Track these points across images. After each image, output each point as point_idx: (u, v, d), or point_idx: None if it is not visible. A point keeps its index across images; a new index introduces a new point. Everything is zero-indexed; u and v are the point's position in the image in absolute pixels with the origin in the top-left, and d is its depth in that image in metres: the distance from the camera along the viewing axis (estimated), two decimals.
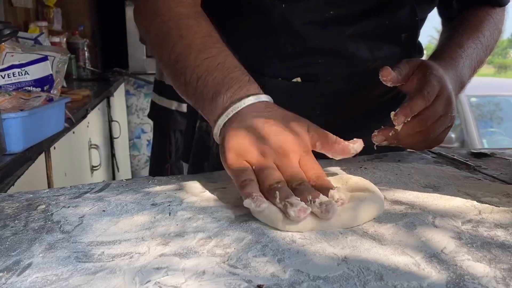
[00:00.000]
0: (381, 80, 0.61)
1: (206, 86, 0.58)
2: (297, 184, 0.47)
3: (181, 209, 0.49)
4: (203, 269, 0.36)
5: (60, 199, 0.54)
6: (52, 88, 1.21)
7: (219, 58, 0.59)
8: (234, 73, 0.57)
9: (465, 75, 0.71)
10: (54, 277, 0.36)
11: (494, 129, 4.31)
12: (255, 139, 0.51)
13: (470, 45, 0.73)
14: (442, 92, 0.61)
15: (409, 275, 0.34)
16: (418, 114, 0.59)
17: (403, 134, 0.60)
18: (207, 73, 0.58)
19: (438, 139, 0.63)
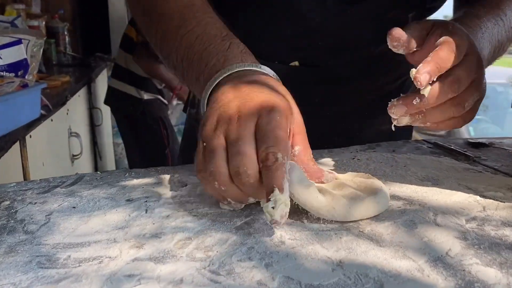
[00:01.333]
0: (391, 47, 0.50)
1: (189, 67, 0.52)
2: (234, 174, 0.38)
3: (158, 206, 0.44)
4: (181, 277, 0.32)
5: (27, 194, 0.50)
6: (26, 73, 1.15)
7: (198, 30, 0.52)
8: (213, 45, 0.50)
9: (485, 48, 0.57)
10: (11, 286, 0.32)
11: (480, 116, 4.33)
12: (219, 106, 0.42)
13: (490, 19, 0.61)
14: (472, 49, 0.49)
15: (413, 283, 0.30)
16: (448, 75, 0.46)
17: (431, 103, 0.47)
18: (187, 52, 0.52)
19: (471, 113, 0.50)
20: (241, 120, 0.40)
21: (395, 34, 0.49)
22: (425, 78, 0.44)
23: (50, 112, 1.30)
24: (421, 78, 0.44)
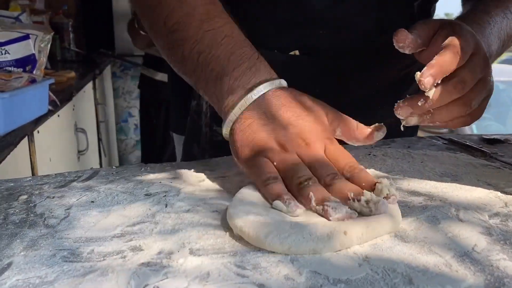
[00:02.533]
0: (397, 47, 0.50)
1: (210, 63, 0.50)
2: (330, 179, 0.40)
3: (178, 200, 0.44)
4: (207, 271, 0.32)
5: (44, 188, 0.50)
6: (34, 69, 1.15)
7: (225, 30, 0.51)
8: (242, 50, 0.50)
9: (493, 44, 0.58)
10: (37, 279, 0.32)
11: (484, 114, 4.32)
12: (271, 129, 0.45)
13: (499, 13, 0.61)
14: (478, 49, 0.49)
15: (442, 277, 0.30)
16: (453, 76, 0.47)
17: (436, 104, 0.47)
18: (211, 48, 0.50)
19: (479, 111, 0.51)
20: (311, 146, 0.44)
21: (401, 35, 0.50)
22: (429, 81, 0.45)
23: (57, 107, 1.30)
24: (425, 81, 0.45)
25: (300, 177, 0.40)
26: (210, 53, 0.50)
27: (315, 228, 0.35)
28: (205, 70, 0.50)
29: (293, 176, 0.41)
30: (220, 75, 0.49)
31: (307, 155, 0.43)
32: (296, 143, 0.44)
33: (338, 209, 0.36)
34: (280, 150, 0.44)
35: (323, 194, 0.38)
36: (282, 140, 0.44)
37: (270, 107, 0.46)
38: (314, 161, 0.42)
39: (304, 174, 0.40)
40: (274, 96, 0.47)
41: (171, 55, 0.55)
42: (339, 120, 0.47)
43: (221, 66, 0.49)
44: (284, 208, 0.38)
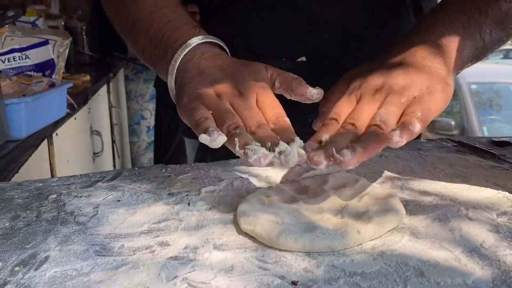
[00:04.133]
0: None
1: (157, 45, 0.54)
2: (255, 128, 0.43)
3: (200, 199, 0.47)
4: (231, 264, 0.34)
5: (71, 188, 0.52)
6: (53, 73, 1.18)
7: (170, 15, 0.55)
8: (184, 27, 0.53)
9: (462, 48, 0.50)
10: (74, 272, 0.34)
11: (494, 116, 4.30)
12: (208, 81, 0.47)
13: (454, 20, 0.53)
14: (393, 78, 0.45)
15: (452, 271, 0.32)
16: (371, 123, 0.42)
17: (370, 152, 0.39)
18: (157, 33, 0.54)
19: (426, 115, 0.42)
20: (243, 96, 0.46)
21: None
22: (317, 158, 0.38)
23: (74, 110, 1.34)
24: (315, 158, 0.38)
25: (229, 125, 0.43)
26: (158, 37, 0.54)
27: (327, 227, 0.37)
28: (156, 53, 0.55)
29: (224, 123, 0.43)
30: (165, 51, 0.53)
31: (239, 104, 0.45)
32: (230, 92, 0.46)
33: (256, 151, 0.38)
34: (214, 97, 0.46)
35: (246, 140, 0.40)
36: (217, 89, 0.47)
37: (207, 61, 0.50)
38: (244, 110, 0.45)
39: (233, 122, 0.43)
40: (215, 56, 0.51)
41: (136, 49, 0.60)
42: (278, 72, 0.49)
43: (165, 44, 0.53)
44: (208, 139, 0.40)
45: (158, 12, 0.56)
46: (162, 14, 0.56)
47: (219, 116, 0.44)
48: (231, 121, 0.43)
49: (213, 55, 0.51)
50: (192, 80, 0.48)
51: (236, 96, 0.46)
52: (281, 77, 0.49)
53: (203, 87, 0.47)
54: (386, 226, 0.38)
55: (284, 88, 0.49)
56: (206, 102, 0.46)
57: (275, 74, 0.49)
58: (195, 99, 0.46)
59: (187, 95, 0.47)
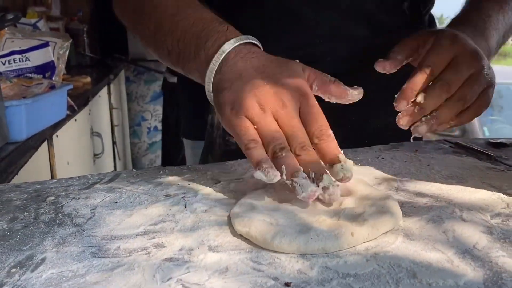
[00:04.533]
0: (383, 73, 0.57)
1: (186, 46, 0.54)
2: (299, 150, 0.44)
3: (196, 201, 0.47)
4: (225, 265, 0.34)
5: (69, 190, 0.53)
6: (54, 75, 1.19)
7: (195, 15, 0.55)
8: (211, 26, 0.53)
9: (491, 38, 0.63)
10: (70, 273, 0.35)
11: (495, 117, 4.30)
12: (249, 89, 0.47)
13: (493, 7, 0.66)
14: (463, 48, 0.54)
15: (444, 272, 0.32)
16: (437, 80, 0.53)
17: (430, 108, 0.52)
18: (185, 33, 0.54)
19: (482, 102, 0.54)
20: (287, 108, 0.46)
21: (379, 66, 0.59)
22: (403, 104, 0.53)
23: (75, 112, 1.34)
24: (399, 105, 0.53)
25: (275, 146, 0.44)
26: (186, 37, 0.54)
27: (321, 229, 0.38)
28: (185, 54, 0.54)
29: (270, 144, 0.44)
30: (196, 51, 0.53)
31: (283, 118, 0.46)
32: (273, 102, 0.46)
33: (304, 188, 0.41)
34: (259, 111, 0.46)
35: (293, 168, 0.42)
36: (260, 99, 0.47)
37: (247, 66, 0.49)
38: (288, 128, 0.46)
39: (279, 143, 0.44)
40: (248, 55, 0.50)
41: (160, 55, 0.60)
42: (316, 74, 0.49)
43: (195, 44, 0.53)
44: (264, 178, 0.42)
45: (182, 13, 0.56)
46: (186, 14, 0.56)
47: (264, 135, 0.45)
48: (276, 142, 0.44)
49: (248, 53, 0.51)
50: (232, 85, 0.48)
51: (279, 108, 0.46)
52: (319, 80, 0.49)
53: (245, 97, 0.47)
54: (381, 229, 0.38)
55: (322, 92, 0.49)
56: (250, 115, 0.46)
57: (312, 76, 0.50)
58: (238, 111, 0.47)
59: (229, 104, 0.47)
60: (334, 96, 0.49)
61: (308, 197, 0.41)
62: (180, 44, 0.55)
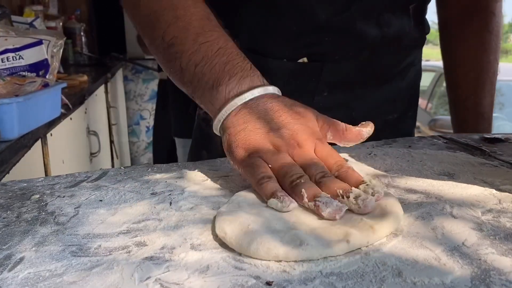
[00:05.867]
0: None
1: (206, 74, 0.52)
2: (320, 177, 0.42)
3: (182, 199, 0.46)
4: (206, 264, 0.33)
5: (55, 188, 0.52)
6: (47, 73, 1.18)
7: (219, 42, 0.53)
8: (236, 60, 0.52)
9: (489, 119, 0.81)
10: (47, 273, 0.34)
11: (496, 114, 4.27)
12: (264, 131, 0.47)
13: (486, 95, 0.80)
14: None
15: (430, 270, 0.31)
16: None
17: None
18: (206, 59, 0.52)
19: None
20: (303, 148, 0.46)
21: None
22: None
23: (69, 111, 1.33)
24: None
25: (292, 176, 0.42)
26: (206, 64, 0.52)
27: (310, 236, 0.34)
28: (201, 81, 0.53)
29: (286, 175, 0.42)
30: (216, 84, 0.51)
31: (299, 155, 0.45)
32: (289, 144, 0.46)
33: (329, 204, 0.37)
34: (274, 151, 0.45)
35: (315, 191, 0.40)
36: (275, 141, 0.46)
37: (264, 111, 0.48)
38: (306, 161, 0.44)
39: (296, 172, 0.42)
40: (267, 101, 0.49)
41: (169, 68, 0.58)
42: (329, 123, 0.49)
43: (216, 76, 0.51)
44: (278, 204, 0.39)
45: (207, 35, 0.54)
46: (211, 39, 0.54)
47: (280, 168, 0.43)
48: (294, 171, 0.42)
49: (268, 99, 0.49)
50: (246, 127, 0.47)
51: (295, 148, 0.45)
52: (333, 129, 0.49)
53: (259, 139, 0.46)
54: (382, 233, 0.36)
55: (338, 140, 0.49)
56: (264, 155, 0.45)
57: (326, 126, 0.49)
58: (252, 152, 0.45)
59: (243, 146, 0.46)
60: (350, 141, 0.49)
61: (334, 212, 0.37)
62: (197, 68, 0.53)
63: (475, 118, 0.82)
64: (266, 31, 0.69)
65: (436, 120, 3.75)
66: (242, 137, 0.47)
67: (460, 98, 0.84)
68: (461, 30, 0.82)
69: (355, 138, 0.48)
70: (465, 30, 0.81)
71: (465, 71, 0.82)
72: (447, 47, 0.85)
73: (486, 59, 0.81)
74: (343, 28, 0.67)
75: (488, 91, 0.82)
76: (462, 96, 0.83)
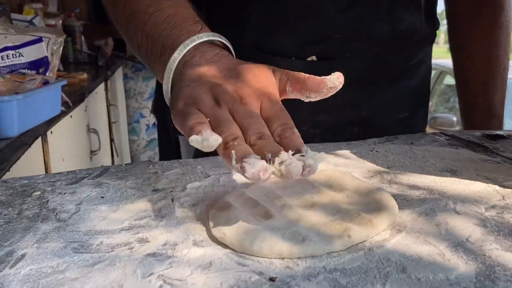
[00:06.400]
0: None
1: (155, 43, 0.49)
2: (255, 138, 0.37)
3: (184, 196, 0.46)
4: (209, 260, 0.33)
5: (56, 185, 0.52)
6: (47, 71, 1.18)
7: (169, 10, 0.50)
8: (184, 24, 0.48)
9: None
10: (49, 269, 0.34)
11: None
12: (208, 86, 0.43)
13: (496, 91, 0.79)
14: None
15: (434, 266, 0.31)
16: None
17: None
18: (155, 29, 0.49)
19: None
20: (246, 105, 0.41)
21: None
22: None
23: (70, 108, 1.33)
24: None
25: (226, 137, 0.37)
26: (155, 33, 0.50)
27: (311, 231, 0.34)
28: (153, 51, 0.50)
29: (221, 133, 0.37)
30: (163, 50, 0.48)
31: (239, 111, 0.40)
32: (230, 98, 0.42)
33: (255, 164, 0.33)
34: (213, 104, 0.41)
35: (245, 151, 0.35)
36: (217, 95, 0.42)
37: (208, 63, 0.45)
38: (245, 118, 0.40)
39: (231, 132, 0.38)
40: (216, 57, 0.46)
41: (132, 46, 0.55)
42: (287, 75, 0.44)
43: (162, 42, 0.49)
44: (199, 139, 0.35)
45: (157, 4, 0.51)
46: (161, 7, 0.51)
47: (215, 125, 0.39)
48: (228, 131, 0.38)
49: (215, 55, 0.46)
50: (190, 83, 0.44)
51: (236, 103, 0.41)
52: (293, 79, 0.43)
53: (200, 92, 0.42)
54: (380, 226, 0.36)
55: (298, 89, 0.43)
56: (203, 108, 0.41)
57: (285, 77, 0.44)
58: (191, 104, 0.41)
59: (183, 99, 0.43)
60: (312, 90, 0.42)
61: (258, 171, 0.33)
62: (148, 39, 0.50)
63: (486, 116, 0.80)
64: (274, 28, 0.68)
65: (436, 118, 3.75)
66: (182, 92, 0.43)
67: (470, 95, 0.82)
68: (470, 25, 0.80)
69: (317, 87, 0.42)
70: (474, 25, 0.80)
71: (475, 68, 0.81)
72: (456, 43, 0.83)
73: (496, 54, 0.79)
74: (353, 24, 0.67)
75: (499, 87, 0.80)
76: (472, 93, 0.82)
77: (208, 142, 0.35)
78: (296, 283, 0.30)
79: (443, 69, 4.10)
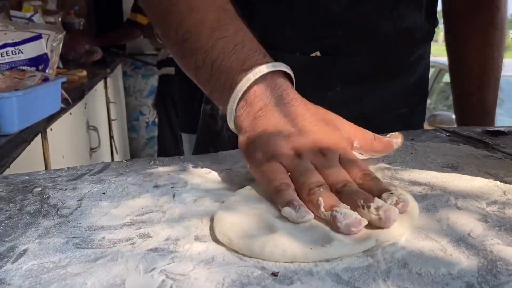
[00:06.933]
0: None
1: (222, 73, 0.48)
2: (341, 186, 0.38)
3: (185, 192, 0.46)
4: (212, 255, 0.33)
5: (57, 181, 0.52)
6: (47, 68, 1.17)
7: (236, 38, 0.49)
8: (254, 58, 0.47)
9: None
10: (51, 264, 0.34)
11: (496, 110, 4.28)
12: (286, 135, 0.43)
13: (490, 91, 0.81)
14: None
15: (436, 261, 0.31)
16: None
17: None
18: (222, 57, 0.48)
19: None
20: (327, 157, 0.42)
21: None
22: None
23: (69, 105, 1.33)
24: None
25: (311, 184, 0.38)
26: (223, 62, 0.48)
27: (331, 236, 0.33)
28: (218, 80, 0.49)
29: (305, 182, 0.38)
30: (234, 84, 0.47)
31: (321, 162, 0.41)
32: (311, 151, 0.42)
33: (348, 215, 0.34)
34: (294, 157, 0.42)
35: (333, 201, 0.36)
36: (297, 147, 0.43)
37: (286, 114, 0.45)
38: (327, 169, 0.40)
39: (316, 180, 0.38)
40: (290, 103, 0.46)
41: (185, 64, 0.54)
42: (356, 131, 0.46)
43: (233, 76, 0.47)
44: (293, 214, 0.35)
45: (223, 30, 0.49)
46: (227, 33, 0.49)
47: (299, 175, 0.39)
48: (313, 178, 0.39)
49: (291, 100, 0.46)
50: (266, 131, 0.44)
51: (318, 156, 0.42)
52: (361, 138, 0.46)
53: (280, 144, 0.43)
54: (402, 229, 0.35)
55: (366, 149, 0.46)
56: (285, 161, 0.41)
57: (353, 134, 0.46)
58: (271, 157, 0.42)
59: (262, 149, 0.43)
60: (379, 152, 0.46)
61: (352, 225, 0.33)
62: (214, 66, 0.49)
63: (480, 114, 0.83)
64: (279, 24, 0.68)
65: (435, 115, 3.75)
66: (261, 140, 0.44)
67: (465, 94, 0.84)
68: (466, 26, 0.82)
69: (384, 149, 0.45)
70: (470, 25, 0.81)
71: (469, 67, 0.82)
72: (452, 42, 0.85)
73: (491, 54, 0.81)
74: (357, 21, 0.67)
75: (493, 87, 0.82)
76: (467, 92, 0.84)
77: (302, 219, 0.36)
78: (298, 278, 0.30)
79: (442, 67, 4.11)
